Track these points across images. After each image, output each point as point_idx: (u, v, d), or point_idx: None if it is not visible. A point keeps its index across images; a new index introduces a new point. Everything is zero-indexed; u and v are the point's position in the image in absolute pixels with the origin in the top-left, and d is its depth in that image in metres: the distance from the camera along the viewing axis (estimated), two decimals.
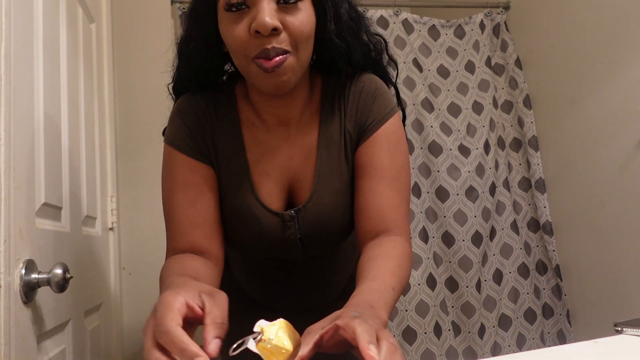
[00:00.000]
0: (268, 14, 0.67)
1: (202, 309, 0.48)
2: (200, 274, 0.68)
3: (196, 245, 0.75)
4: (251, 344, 0.44)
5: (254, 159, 0.79)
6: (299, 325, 0.59)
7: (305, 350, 0.47)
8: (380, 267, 0.68)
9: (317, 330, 0.51)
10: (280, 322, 0.46)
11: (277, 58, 0.68)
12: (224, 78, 0.86)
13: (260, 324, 0.46)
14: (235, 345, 0.45)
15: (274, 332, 0.45)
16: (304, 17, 0.70)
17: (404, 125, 0.86)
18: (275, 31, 0.67)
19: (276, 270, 0.90)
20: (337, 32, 0.75)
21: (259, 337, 0.44)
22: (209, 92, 0.81)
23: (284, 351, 0.44)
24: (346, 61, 0.78)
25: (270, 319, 0.49)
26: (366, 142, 0.79)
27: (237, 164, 0.79)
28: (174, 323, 0.45)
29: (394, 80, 0.87)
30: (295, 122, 0.80)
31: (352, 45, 0.77)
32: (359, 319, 0.49)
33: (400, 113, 0.85)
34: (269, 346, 0.44)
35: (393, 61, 0.87)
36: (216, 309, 0.47)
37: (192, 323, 0.49)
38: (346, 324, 0.48)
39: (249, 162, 0.79)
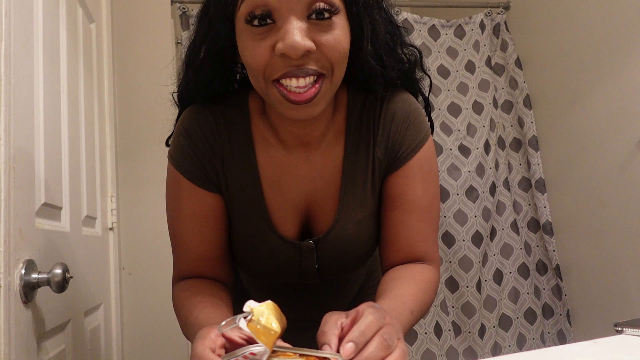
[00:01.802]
0: (299, 33, 0.56)
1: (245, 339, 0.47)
2: (223, 306, 0.66)
3: (205, 276, 0.74)
4: (242, 323, 0.45)
5: (268, 182, 0.72)
6: (308, 333, 0.58)
7: (333, 341, 0.46)
8: (403, 289, 0.65)
9: (336, 316, 0.49)
10: (268, 304, 0.47)
11: (311, 90, 0.59)
12: (236, 85, 0.77)
13: (250, 304, 0.46)
14: (224, 323, 0.45)
15: (263, 313, 0.46)
16: (339, 34, 0.60)
17: (432, 132, 0.78)
18: (307, 53, 0.58)
19: (287, 290, 0.84)
20: (373, 52, 0.66)
21: (249, 317, 0.45)
22: (219, 104, 0.73)
23: (272, 332, 0.45)
24: (381, 82, 0.70)
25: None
26: (398, 172, 0.72)
27: (249, 188, 0.72)
28: (204, 347, 0.46)
29: (425, 93, 0.79)
30: (317, 142, 0.72)
31: (388, 64, 0.69)
32: (374, 308, 0.48)
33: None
34: (258, 326, 0.45)
35: (426, 74, 0.79)
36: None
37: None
38: (363, 310, 0.48)
39: (262, 185, 0.72)
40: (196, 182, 0.72)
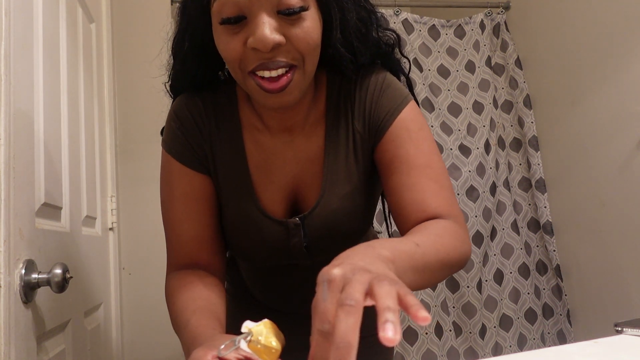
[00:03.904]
0: (268, 27, 0.60)
1: None
2: (216, 305, 0.66)
3: (198, 261, 0.74)
4: (243, 345, 0.45)
5: (255, 165, 0.75)
6: (307, 329, 0.57)
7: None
8: (409, 233, 0.62)
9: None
10: (266, 323, 0.47)
11: (283, 79, 0.62)
12: (225, 73, 0.80)
13: (247, 325, 0.46)
14: (223, 346, 0.45)
15: (261, 332, 0.45)
16: (309, 26, 0.63)
17: (418, 105, 0.78)
18: (277, 46, 0.61)
19: (282, 276, 0.86)
20: (342, 40, 0.69)
21: (249, 338, 0.45)
22: (208, 92, 0.77)
23: (273, 351, 0.45)
24: (352, 67, 0.72)
25: (276, 320, 0.49)
26: (384, 138, 0.72)
27: (237, 170, 0.75)
28: None
29: (406, 72, 0.80)
30: (300, 126, 0.75)
31: (358, 50, 0.71)
32: (323, 279, 0.42)
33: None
34: (259, 346, 0.45)
35: (404, 57, 0.81)
36: None
37: None
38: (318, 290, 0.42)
39: (250, 167, 0.75)
40: (186, 163, 0.74)
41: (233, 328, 0.49)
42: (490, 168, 2.01)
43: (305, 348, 0.61)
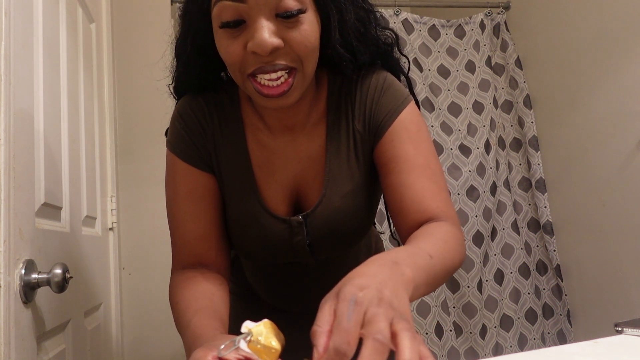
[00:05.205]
0: (267, 31, 0.61)
1: None
2: (219, 304, 0.67)
3: (202, 259, 0.74)
4: (243, 345, 0.45)
5: (258, 164, 0.76)
6: (309, 328, 0.57)
7: (321, 343, 0.41)
8: (419, 239, 0.62)
9: (329, 304, 0.45)
10: (266, 323, 0.47)
11: (283, 85, 0.64)
12: (228, 74, 0.80)
13: (247, 325, 0.46)
14: (223, 346, 0.45)
15: (261, 332, 0.45)
16: (306, 29, 0.64)
17: (419, 107, 0.80)
18: (275, 49, 0.62)
19: (285, 275, 0.86)
20: (341, 40, 0.70)
21: (248, 338, 0.45)
22: (211, 92, 0.78)
23: (273, 351, 0.45)
24: (352, 67, 0.73)
25: (280, 319, 0.49)
26: (384, 138, 0.73)
27: (240, 169, 0.76)
28: None
29: (406, 71, 0.82)
30: (302, 125, 0.76)
31: (357, 50, 0.72)
32: (355, 294, 0.42)
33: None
34: (258, 346, 0.45)
35: (403, 55, 0.82)
36: None
37: None
38: (343, 298, 0.42)
39: (252, 166, 0.76)
40: (191, 162, 0.75)
41: (237, 328, 0.49)
42: (491, 168, 2.01)
43: (305, 347, 0.61)
